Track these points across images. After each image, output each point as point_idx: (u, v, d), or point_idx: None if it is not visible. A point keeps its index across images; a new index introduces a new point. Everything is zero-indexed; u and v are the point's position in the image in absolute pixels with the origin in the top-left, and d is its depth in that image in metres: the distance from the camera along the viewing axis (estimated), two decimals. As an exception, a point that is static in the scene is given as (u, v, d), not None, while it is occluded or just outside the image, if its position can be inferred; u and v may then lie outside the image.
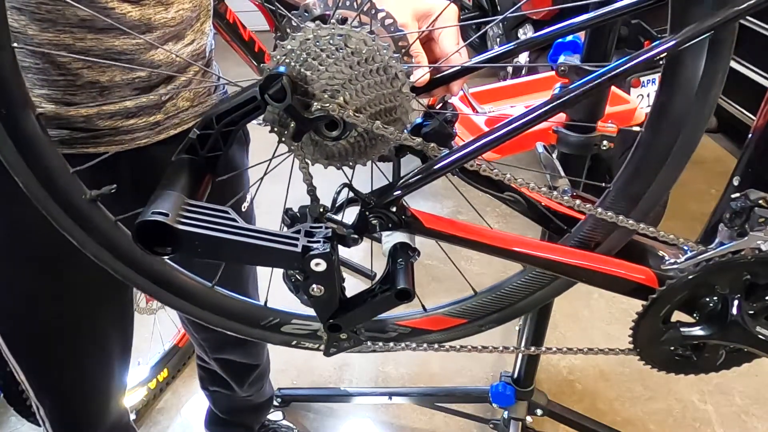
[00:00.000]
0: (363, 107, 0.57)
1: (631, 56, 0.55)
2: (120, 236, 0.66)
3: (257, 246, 0.56)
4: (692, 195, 2.41)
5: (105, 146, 0.79)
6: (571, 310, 1.95)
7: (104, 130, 0.78)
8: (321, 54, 0.54)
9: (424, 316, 0.78)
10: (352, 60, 0.54)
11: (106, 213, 0.65)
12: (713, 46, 0.56)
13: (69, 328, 0.91)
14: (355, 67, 0.55)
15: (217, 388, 1.37)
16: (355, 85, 0.56)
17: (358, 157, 0.61)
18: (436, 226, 0.65)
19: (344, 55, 0.54)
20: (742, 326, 0.66)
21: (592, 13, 0.66)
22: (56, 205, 0.62)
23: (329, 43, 0.54)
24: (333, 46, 0.54)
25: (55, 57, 0.71)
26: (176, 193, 0.55)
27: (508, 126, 0.58)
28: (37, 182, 0.60)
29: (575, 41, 1.17)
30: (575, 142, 1.03)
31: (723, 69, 0.58)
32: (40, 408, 0.98)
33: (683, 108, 0.60)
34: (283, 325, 0.76)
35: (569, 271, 0.69)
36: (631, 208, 0.66)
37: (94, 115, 0.76)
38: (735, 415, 1.66)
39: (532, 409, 1.51)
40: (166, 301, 0.72)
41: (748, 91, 2.57)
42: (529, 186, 0.62)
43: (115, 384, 1.03)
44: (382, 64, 0.55)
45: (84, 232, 0.64)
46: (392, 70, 0.55)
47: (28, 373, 0.93)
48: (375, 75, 0.55)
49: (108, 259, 0.67)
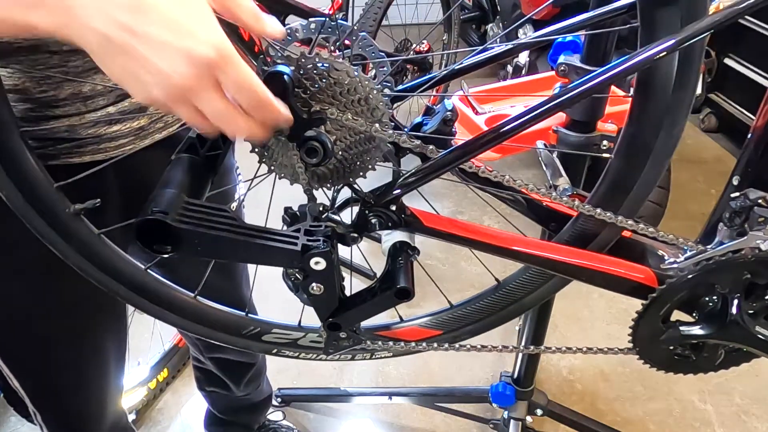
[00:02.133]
0: (343, 137, 0.58)
1: (631, 56, 0.55)
2: (104, 248, 0.67)
3: (257, 245, 0.56)
4: (692, 195, 2.42)
5: (90, 155, 0.77)
6: (571, 310, 1.95)
7: (87, 138, 0.76)
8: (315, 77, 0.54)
9: (402, 327, 0.79)
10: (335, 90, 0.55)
11: (89, 226, 0.65)
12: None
13: (64, 338, 0.90)
14: (337, 97, 0.55)
15: (214, 389, 1.37)
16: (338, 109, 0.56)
17: (349, 174, 0.62)
18: (435, 225, 0.65)
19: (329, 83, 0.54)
20: (742, 326, 0.66)
21: (591, 12, 0.66)
22: (40, 218, 0.62)
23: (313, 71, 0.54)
24: (315, 74, 0.54)
25: (35, 74, 0.69)
26: (176, 191, 0.55)
27: (507, 126, 0.58)
28: (21, 196, 0.61)
29: (575, 41, 1.17)
30: (575, 142, 1.03)
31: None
32: (37, 414, 0.97)
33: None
34: (264, 335, 0.77)
35: (569, 270, 0.69)
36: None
37: (78, 125, 0.74)
38: (735, 415, 1.66)
39: (532, 409, 1.51)
40: (150, 312, 0.73)
41: (748, 91, 2.58)
42: (528, 186, 0.62)
43: (112, 388, 1.02)
44: (363, 95, 0.55)
45: (68, 245, 0.65)
46: (373, 101, 0.56)
47: (21, 381, 0.92)
48: (357, 105, 0.56)
49: (92, 270, 0.68)
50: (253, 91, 0.48)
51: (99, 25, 0.43)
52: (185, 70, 0.44)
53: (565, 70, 0.97)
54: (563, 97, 0.57)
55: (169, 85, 0.45)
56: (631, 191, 0.65)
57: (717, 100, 2.77)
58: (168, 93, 0.45)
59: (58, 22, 0.44)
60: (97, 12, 0.43)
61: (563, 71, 0.97)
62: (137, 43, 0.43)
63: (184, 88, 0.45)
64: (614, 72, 0.55)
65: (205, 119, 0.48)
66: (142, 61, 0.44)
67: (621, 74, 0.55)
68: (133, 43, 0.43)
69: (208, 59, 0.44)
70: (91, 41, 0.44)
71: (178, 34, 0.43)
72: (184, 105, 0.47)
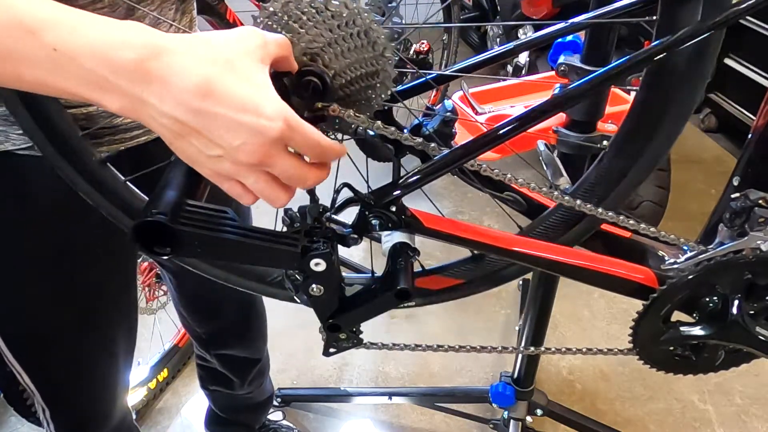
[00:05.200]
0: (343, 70, 0.57)
1: (631, 56, 0.55)
2: (130, 196, 0.73)
3: (257, 246, 0.56)
4: (692, 195, 2.41)
5: (106, 146, 0.80)
6: (571, 310, 1.95)
7: (104, 129, 0.79)
8: (302, 17, 0.54)
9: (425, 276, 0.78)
10: (332, 23, 0.54)
11: (116, 173, 0.71)
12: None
13: (74, 330, 0.91)
14: (335, 30, 0.54)
15: (217, 387, 1.38)
16: (335, 48, 0.55)
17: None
18: (435, 226, 0.65)
19: (324, 18, 0.54)
20: (742, 326, 0.66)
21: (591, 12, 0.66)
22: (71, 168, 0.69)
23: (310, 5, 0.53)
24: (313, 8, 0.53)
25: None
26: (175, 193, 0.55)
27: (507, 126, 0.58)
28: (52, 147, 0.68)
29: (575, 41, 1.17)
30: (575, 143, 1.03)
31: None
32: (45, 410, 0.97)
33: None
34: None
35: (570, 271, 0.69)
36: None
37: (95, 113, 0.77)
38: (735, 415, 1.66)
39: (532, 409, 1.51)
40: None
41: (748, 91, 2.57)
42: (530, 186, 0.62)
43: (120, 384, 1.03)
44: (363, 28, 0.54)
45: (99, 194, 0.72)
46: (373, 34, 0.54)
47: (32, 376, 0.93)
48: (356, 39, 0.55)
49: (121, 217, 0.74)
50: (318, 146, 0.50)
51: (171, 111, 0.44)
52: (258, 146, 0.46)
53: (565, 70, 0.97)
54: (563, 98, 0.57)
55: (243, 159, 0.46)
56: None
57: (717, 100, 2.76)
58: (240, 167, 0.47)
59: (128, 108, 0.45)
60: (169, 100, 0.44)
61: (563, 71, 0.97)
62: (209, 125, 0.45)
63: (259, 161, 0.47)
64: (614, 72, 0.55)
65: (271, 184, 0.50)
66: (215, 141, 0.45)
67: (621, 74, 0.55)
68: (206, 126, 0.45)
69: (278, 131, 0.46)
70: (162, 126, 0.45)
71: (247, 112, 0.44)
72: (253, 174, 0.48)
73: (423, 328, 1.90)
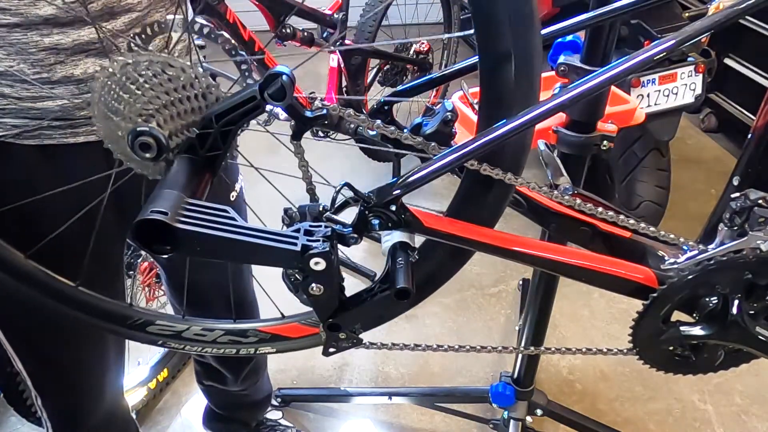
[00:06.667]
0: (178, 132, 0.58)
1: (631, 56, 0.55)
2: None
3: (257, 245, 0.56)
4: (692, 195, 2.41)
5: (84, 136, 0.81)
6: (571, 310, 1.95)
7: (80, 119, 0.80)
8: (139, 79, 0.55)
9: (283, 324, 0.79)
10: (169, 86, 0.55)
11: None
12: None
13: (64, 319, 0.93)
14: (172, 93, 0.56)
15: (212, 383, 1.39)
16: (170, 110, 0.57)
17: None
18: (435, 226, 0.65)
19: (161, 81, 0.55)
20: (742, 326, 0.66)
21: (591, 12, 0.66)
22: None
23: (147, 68, 0.55)
24: (150, 72, 0.55)
25: (28, 56, 0.73)
26: (176, 192, 0.55)
27: (507, 126, 0.58)
28: None
29: (575, 41, 1.16)
30: (575, 142, 1.03)
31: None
32: (38, 398, 1.00)
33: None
34: (149, 326, 0.79)
35: (570, 271, 0.69)
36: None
37: (71, 106, 0.78)
38: (735, 415, 1.66)
39: (532, 409, 1.51)
40: (35, 300, 0.76)
41: (748, 91, 2.57)
42: (529, 186, 0.62)
43: (111, 369, 1.05)
44: (200, 91, 0.56)
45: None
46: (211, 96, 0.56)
47: (24, 361, 0.96)
48: (193, 101, 0.56)
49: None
50: None
51: None
52: None
53: (565, 70, 0.97)
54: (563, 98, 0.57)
55: None
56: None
57: (717, 100, 2.76)
58: None
59: None
60: None
61: (563, 71, 0.97)
62: None
63: None
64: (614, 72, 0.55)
65: None
66: None
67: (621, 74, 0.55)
68: None
69: None
70: None
71: None
72: None
73: (423, 328, 1.90)
